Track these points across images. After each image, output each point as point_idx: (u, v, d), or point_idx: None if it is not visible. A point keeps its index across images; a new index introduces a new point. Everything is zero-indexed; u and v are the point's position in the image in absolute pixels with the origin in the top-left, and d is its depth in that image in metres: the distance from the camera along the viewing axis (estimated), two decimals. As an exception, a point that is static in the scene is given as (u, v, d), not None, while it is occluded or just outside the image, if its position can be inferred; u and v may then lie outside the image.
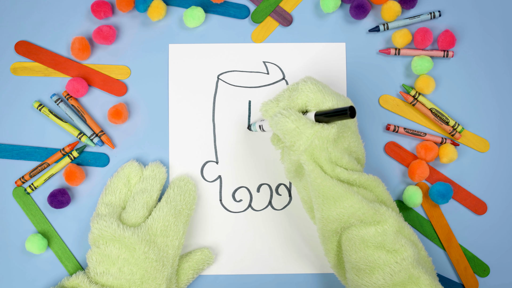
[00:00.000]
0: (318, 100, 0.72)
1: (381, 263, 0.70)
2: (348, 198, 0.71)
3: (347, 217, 0.71)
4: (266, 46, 0.84)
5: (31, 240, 0.80)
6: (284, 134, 0.71)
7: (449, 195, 0.81)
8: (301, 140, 0.70)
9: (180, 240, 0.78)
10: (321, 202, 0.72)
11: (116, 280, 0.76)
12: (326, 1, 0.82)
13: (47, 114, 0.82)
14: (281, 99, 0.74)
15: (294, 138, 0.70)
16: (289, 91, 0.74)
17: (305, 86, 0.72)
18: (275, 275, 0.82)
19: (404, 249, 0.70)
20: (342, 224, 0.72)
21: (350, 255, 0.72)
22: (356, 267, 0.72)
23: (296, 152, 0.71)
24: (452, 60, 0.85)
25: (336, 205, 0.71)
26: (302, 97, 0.72)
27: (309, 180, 0.71)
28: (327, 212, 0.72)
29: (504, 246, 0.83)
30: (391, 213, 0.72)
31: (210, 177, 0.83)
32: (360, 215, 0.71)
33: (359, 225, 0.71)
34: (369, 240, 0.71)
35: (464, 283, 0.82)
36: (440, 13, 0.84)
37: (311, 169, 0.71)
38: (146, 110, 0.83)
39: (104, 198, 0.79)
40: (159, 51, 0.84)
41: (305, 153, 0.70)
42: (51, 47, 0.84)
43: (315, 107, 0.72)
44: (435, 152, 0.82)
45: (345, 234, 0.72)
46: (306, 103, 0.72)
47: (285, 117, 0.70)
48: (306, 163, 0.71)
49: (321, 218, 0.73)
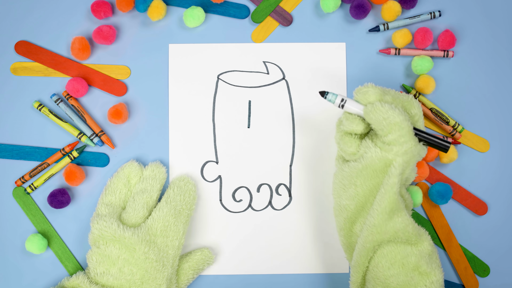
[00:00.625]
0: (418, 118, 0.72)
1: (412, 284, 0.70)
2: (403, 213, 0.71)
3: (398, 231, 0.71)
4: (266, 46, 0.84)
5: (31, 240, 0.80)
6: (392, 129, 0.68)
7: (448, 196, 0.81)
8: (408, 143, 0.69)
9: (180, 240, 0.78)
10: (383, 209, 0.70)
11: (116, 281, 0.75)
12: (326, 1, 0.82)
13: (47, 114, 0.82)
14: (387, 93, 0.72)
15: (402, 138, 0.69)
16: (396, 93, 0.73)
17: (414, 100, 0.72)
18: (275, 275, 0.82)
19: (434, 273, 0.71)
20: (390, 237, 0.71)
21: (383, 271, 0.71)
22: (385, 285, 0.71)
23: (396, 152, 0.69)
24: (452, 60, 0.85)
25: (394, 217, 0.71)
26: (409, 105, 0.72)
27: (388, 184, 0.70)
28: (383, 222, 0.71)
29: (505, 246, 0.83)
30: (427, 236, 0.72)
31: (210, 177, 0.83)
32: (409, 231, 0.71)
33: (399, 243, 0.71)
34: (407, 259, 0.71)
35: (464, 283, 0.82)
36: (440, 13, 0.84)
37: (396, 174, 0.69)
38: (146, 110, 0.83)
39: (104, 198, 0.79)
40: (159, 51, 0.84)
41: (404, 156, 0.69)
42: (51, 47, 0.84)
43: (412, 123, 0.72)
44: (435, 152, 0.82)
45: (382, 249, 0.72)
46: (409, 113, 0.72)
47: (402, 115, 0.69)
48: (397, 166, 0.69)
49: (373, 226, 0.71)
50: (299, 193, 0.83)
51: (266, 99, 0.84)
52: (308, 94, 0.84)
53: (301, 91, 0.84)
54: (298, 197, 0.83)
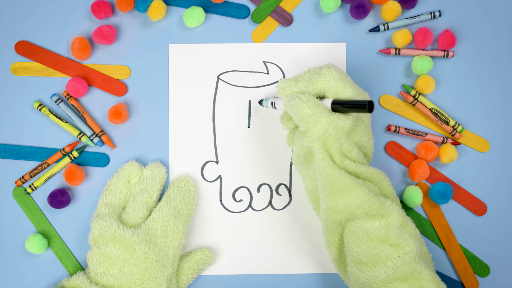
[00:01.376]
0: (338, 89, 0.71)
1: (384, 257, 0.70)
2: (355, 190, 0.70)
3: (352, 209, 0.71)
4: (266, 46, 0.84)
5: (31, 240, 0.80)
6: (299, 119, 0.70)
7: (449, 195, 0.81)
8: (316, 127, 0.69)
9: (180, 240, 0.78)
10: (328, 192, 0.71)
11: (117, 281, 0.75)
12: (326, 1, 0.82)
13: (47, 114, 0.82)
14: (300, 80, 0.73)
15: (309, 124, 0.70)
16: (310, 74, 0.73)
17: (328, 72, 0.71)
18: (275, 275, 0.82)
19: (407, 243, 0.70)
20: (347, 216, 0.72)
21: (353, 247, 0.72)
22: (358, 260, 0.71)
23: (309, 139, 0.70)
24: (452, 60, 0.85)
25: (343, 196, 0.71)
26: (323, 82, 0.71)
27: (318, 169, 0.71)
28: (333, 203, 0.71)
29: (504, 246, 0.83)
30: (395, 207, 0.72)
31: (210, 177, 0.83)
32: (366, 207, 0.71)
33: (364, 218, 0.71)
34: (373, 233, 0.70)
35: (464, 283, 0.82)
36: (440, 13, 0.84)
37: (322, 158, 0.70)
38: (146, 110, 0.83)
39: (104, 198, 0.79)
40: (159, 51, 0.84)
41: (318, 141, 0.70)
42: (51, 47, 0.84)
43: (333, 95, 0.71)
44: (435, 152, 0.82)
45: (349, 226, 0.72)
46: (326, 89, 0.71)
47: (302, 102, 0.69)
48: (317, 151, 0.70)
49: (326, 209, 0.72)
50: (299, 193, 0.83)
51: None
52: (308, 94, 0.84)
53: (301, 91, 0.84)
54: (298, 197, 0.83)
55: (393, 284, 0.70)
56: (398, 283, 0.70)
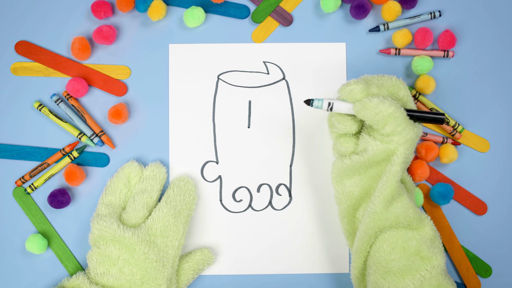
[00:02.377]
0: (408, 99, 0.72)
1: (413, 269, 0.70)
2: (403, 198, 0.71)
3: (399, 216, 0.71)
4: (266, 46, 0.84)
5: (31, 240, 0.80)
6: (387, 121, 0.68)
7: (450, 196, 0.81)
8: (406, 131, 0.69)
9: (180, 240, 0.78)
10: (385, 196, 0.70)
11: (117, 281, 0.75)
12: (326, 1, 0.82)
13: (47, 114, 0.82)
14: (371, 84, 0.71)
15: (399, 127, 0.69)
16: (379, 80, 0.72)
17: (400, 81, 0.72)
18: (275, 275, 0.82)
19: (435, 257, 0.70)
20: (392, 223, 0.71)
21: (384, 255, 0.71)
22: (386, 269, 0.71)
23: (397, 141, 0.69)
24: (452, 60, 0.85)
25: (395, 203, 0.71)
26: (395, 89, 0.71)
27: (390, 172, 0.70)
28: (384, 208, 0.71)
29: (506, 246, 0.83)
30: (429, 221, 0.72)
31: (210, 177, 0.83)
32: (410, 215, 0.71)
33: (402, 228, 0.71)
34: (408, 244, 0.71)
35: (466, 284, 0.82)
36: (440, 13, 0.84)
37: (399, 163, 0.70)
38: (146, 110, 0.83)
39: (104, 198, 0.79)
40: (159, 51, 0.84)
41: (405, 144, 0.70)
42: (51, 47, 0.84)
43: (402, 104, 0.72)
44: (435, 152, 0.81)
45: (385, 234, 0.72)
46: (397, 97, 0.72)
47: (393, 105, 0.68)
48: (400, 155, 0.70)
49: (374, 213, 0.71)
50: (299, 193, 0.83)
51: (266, 99, 0.84)
52: (308, 94, 0.83)
53: (301, 91, 0.84)
54: (298, 197, 0.83)
55: None
56: None
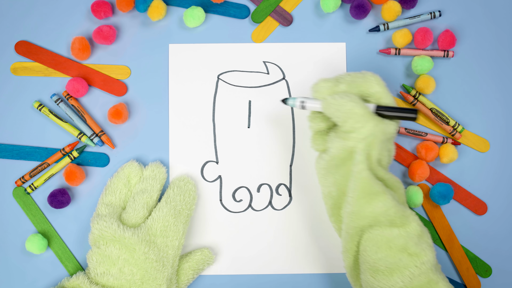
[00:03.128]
0: (382, 95, 0.71)
1: (402, 266, 0.69)
2: (383, 196, 0.70)
3: (378, 215, 0.70)
4: (266, 46, 0.84)
5: (31, 240, 0.80)
6: (346, 117, 0.69)
7: (450, 196, 0.81)
8: (366, 127, 0.69)
9: (180, 240, 0.78)
10: (357, 196, 0.70)
11: (117, 281, 0.75)
12: (326, 1, 0.82)
13: (47, 114, 0.82)
14: (341, 81, 0.72)
15: (358, 124, 0.69)
16: (352, 77, 0.72)
17: (373, 77, 0.71)
18: (275, 275, 0.82)
19: (424, 253, 0.70)
20: (371, 222, 0.71)
21: (370, 255, 0.71)
22: (374, 268, 0.71)
23: (355, 138, 0.69)
24: (452, 60, 0.85)
25: (371, 202, 0.70)
26: (367, 86, 0.71)
27: (355, 171, 0.70)
28: (360, 208, 0.70)
29: (506, 246, 0.83)
30: (414, 217, 0.72)
31: (210, 177, 0.83)
32: (391, 214, 0.70)
33: (384, 226, 0.71)
34: (393, 241, 0.70)
35: (467, 284, 0.82)
36: (440, 13, 0.84)
37: (362, 160, 0.69)
38: (146, 110, 0.84)
39: (104, 198, 0.79)
40: (159, 51, 0.84)
41: (364, 141, 0.69)
42: (51, 47, 0.84)
43: (376, 100, 0.71)
44: (435, 152, 0.81)
45: (368, 233, 0.71)
46: (370, 93, 0.71)
47: (353, 101, 0.69)
48: (361, 152, 0.69)
49: (351, 213, 0.71)
50: (299, 193, 0.83)
51: (266, 99, 0.84)
52: (308, 94, 0.83)
53: (301, 91, 0.84)
54: (298, 197, 0.83)
55: None
56: None
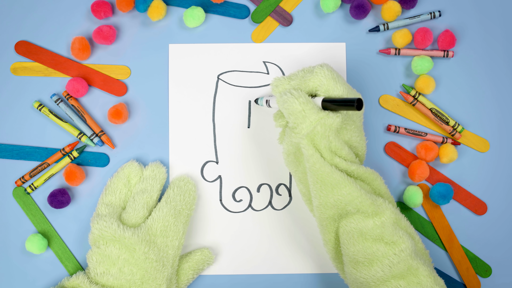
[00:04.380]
0: (329, 87, 0.72)
1: (380, 255, 0.70)
2: (346, 186, 0.71)
3: (344, 204, 0.71)
4: (266, 46, 0.84)
5: (31, 240, 0.80)
6: (289, 114, 0.71)
7: (449, 196, 0.81)
8: (305, 123, 0.70)
9: (180, 240, 0.78)
10: (319, 188, 0.72)
11: (117, 281, 0.75)
12: (326, 1, 0.82)
13: (47, 114, 0.82)
14: (293, 78, 0.74)
15: (298, 120, 0.70)
16: (303, 72, 0.74)
17: (321, 71, 0.72)
18: (275, 275, 0.82)
19: (402, 240, 0.70)
20: (339, 211, 0.72)
21: (348, 248, 0.72)
22: (354, 260, 0.72)
23: (297, 135, 0.71)
24: (452, 60, 0.85)
25: (334, 191, 0.71)
26: (315, 80, 0.72)
27: (308, 166, 0.71)
28: (324, 199, 0.72)
29: (505, 246, 0.83)
30: (388, 205, 0.72)
31: (210, 177, 0.83)
32: (357, 203, 0.71)
33: (357, 218, 0.71)
34: (367, 233, 0.71)
35: (466, 284, 0.82)
36: (440, 13, 0.84)
37: (311, 154, 0.71)
38: (146, 110, 0.84)
39: (104, 198, 0.79)
40: (159, 51, 0.84)
41: (306, 137, 0.70)
42: (51, 47, 0.84)
43: (324, 93, 0.72)
44: (435, 152, 0.81)
45: (343, 226, 0.72)
46: (317, 87, 0.72)
47: (293, 98, 0.70)
48: (306, 147, 0.71)
49: (318, 205, 0.73)
50: (299, 193, 0.83)
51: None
52: (308, 94, 0.84)
53: (301, 91, 0.84)
54: (298, 197, 0.83)
55: (390, 282, 0.70)
56: (395, 280, 0.70)
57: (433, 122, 0.83)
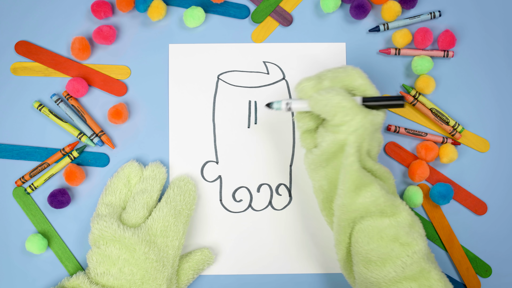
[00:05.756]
0: (366, 87, 0.71)
1: (394, 256, 0.70)
2: (372, 187, 0.70)
3: (368, 206, 0.70)
4: (266, 46, 0.84)
5: (31, 240, 0.80)
6: (335, 111, 0.68)
7: (450, 196, 0.81)
8: (355, 120, 0.68)
9: (180, 240, 0.78)
10: (348, 188, 0.70)
11: (117, 281, 0.75)
12: (326, 1, 0.82)
13: (47, 114, 0.82)
14: (324, 78, 0.72)
15: (347, 117, 0.68)
16: (333, 72, 0.72)
17: (355, 70, 0.71)
18: (275, 275, 0.82)
19: (416, 242, 0.70)
20: (362, 213, 0.71)
21: (362, 246, 0.71)
22: (367, 259, 0.71)
23: (345, 131, 0.69)
24: (452, 60, 0.85)
25: (361, 193, 0.70)
26: (350, 79, 0.71)
27: (346, 163, 0.70)
28: (350, 200, 0.70)
29: (506, 246, 0.83)
30: (405, 206, 0.72)
31: (210, 177, 0.83)
32: (380, 203, 0.70)
33: (375, 216, 0.71)
34: (384, 232, 0.70)
35: (467, 284, 0.82)
36: (440, 13, 0.84)
37: (353, 153, 0.69)
38: (146, 110, 0.84)
39: (104, 198, 0.79)
40: (159, 51, 0.84)
41: (355, 134, 0.69)
42: (51, 47, 0.84)
43: (361, 93, 0.71)
44: (435, 152, 0.82)
45: (360, 224, 0.71)
46: (353, 87, 0.71)
47: (340, 95, 0.68)
48: (352, 144, 0.69)
49: (342, 205, 0.71)
50: (299, 193, 0.83)
51: (266, 99, 0.84)
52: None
53: (301, 91, 0.84)
54: (298, 197, 0.83)
55: (402, 283, 0.69)
56: (407, 282, 0.69)
57: (433, 122, 0.83)
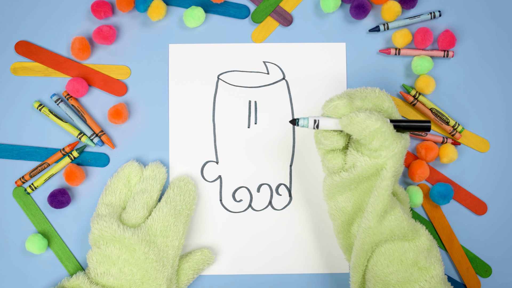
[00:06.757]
0: (392, 110, 0.72)
1: (412, 280, 0.70)
2: (396, 210, 0.71)
3: (393, 229, 0.71)
4: (266, 46, 0.84)
5: (31, 240, 0.80)
6: (374, 135, 0.68)
7: (450, 196, 0.81)
8: (394, 145, 0.69)
9: (180, 240, 0.78)
10: (378, 211, 0.70)
11: (117, 281, 0.76)
12: (326, 1, 0.82)
13: (47, 114, 0.82)
14: (353, 97, 0.71)
15: (387, 141, 0.69)
16: (361, 92, 0.72)
17: (383, 93, 0.72)
18: (275, 275, 0.82)
19: (433, 267, 0.70)
20: (387, 237, 0.71)
21: (381, 269, 0.71)
22: (385, 282, 0.71)
23: (385, 156, 0.69)
24: (452, 60, 0.85)
25: (387, 216, 0.71)
26: (379, 101, 0.71)
27: (381, 187, 0.70)
28: (378, 223, 0.71)
29: (505, 246, 0.83)
30: (424, 231, 0.73)
31: (210, 177, 0.83)
32: (404, 227, 0.71)
33: (398, 240, 0.71)
34: (405, 255, 0.71)
35: (467, 284, 0.82)
36: (440, 13, 0.84)
37: (389, 177, 0.69)
38: (146, 110, 0.84)
39: (104, 198, 0.79)
40: (159, 51, 0.84)
41: (394, 158, 0.69)
42: (51, 47, 0.84)
43: (387, 115, 0.72)
44: (435, 152, 0.81)
45: (381, 247, 0.72)
46: (381, 109, 0.71)
47: (379, 120, 0.68)
48: (389, 169, 0.69)
49: (368, 228, 0.71)
50: (299, 193, 0.83)
51: (266, 99, 0.84)
52: (308, 94, 0.84)
53: (301, 91, 0.84)
54: (298, 197, 0.83)
55: None
56: None
57: (433, 122, 0.83)
